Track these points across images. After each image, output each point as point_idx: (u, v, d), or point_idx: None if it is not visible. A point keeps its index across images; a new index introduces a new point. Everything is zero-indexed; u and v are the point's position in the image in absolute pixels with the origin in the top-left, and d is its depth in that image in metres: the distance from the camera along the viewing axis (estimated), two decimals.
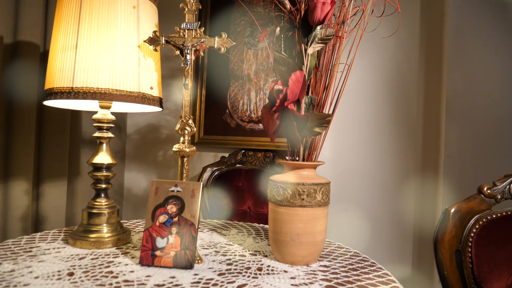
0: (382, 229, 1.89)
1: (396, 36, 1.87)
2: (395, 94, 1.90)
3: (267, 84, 2.01)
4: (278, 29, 0.99)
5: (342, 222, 1.93)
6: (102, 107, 1.13)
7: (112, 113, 1.15)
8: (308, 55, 0.96)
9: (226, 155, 2.01)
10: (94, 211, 1.10)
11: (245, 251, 1.08)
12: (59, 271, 0.86)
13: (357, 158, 1.94)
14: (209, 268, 0.93)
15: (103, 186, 1.13)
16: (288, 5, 0.96)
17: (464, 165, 1.62)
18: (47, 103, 1.14)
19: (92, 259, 0.96)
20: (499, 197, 0.98)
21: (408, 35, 1.88)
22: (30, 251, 1.00)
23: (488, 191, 0.98)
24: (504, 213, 0.97)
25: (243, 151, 1.99)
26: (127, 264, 0.93)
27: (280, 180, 0.98)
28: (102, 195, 1.14)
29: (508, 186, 0.98)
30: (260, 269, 0.94)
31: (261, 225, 1.44)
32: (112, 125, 1.14)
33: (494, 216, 0.97)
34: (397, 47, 1.89)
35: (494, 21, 1.62)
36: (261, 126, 2.02)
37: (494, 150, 1.61)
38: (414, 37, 1.88)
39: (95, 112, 1.15)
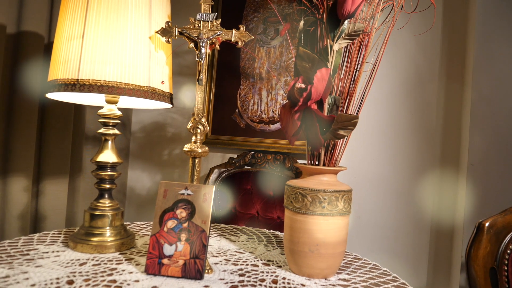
0: (397, 239, 1.81)
1: (416, 37, 1.80)
2: (414, 97, 1.82)
3: (279, 83, 1.93)
4: (301, 22, 0.91)
5: (355, 230, 1.85)
6: (108, 101, 1.05)
7: (118, 109, 1.08)
8: (333, 52, 0.89)
9: (235, 156, 1.94)
10: (97, 212, 1.03)
11: (257, 261, 1.01)
12: (57, 279, 0.79)
13: (372, 163, 1.86)
14: (220, 279, 0.86)
15: (107, 186, 1.06)
16: None
17: (489, 174, 1.54)
18: (50, 95, 1.07)
19: (93, 265, 0.89)
20: None
21: (428, 36, 1.80)
22: (28, 254, 0.93)
23: None
24: None
25: (252, 152, 1.92)
26: (131, 272, 0.86)
27: (299, 186, 0.91)
28: (106, 195, 1.06)
29: None
30: (275, 282, 0.86)
31: (271, 231, 1.36)
32: (119, 122, 1.07)
33: None
34: (417, 48, 1.82)
35: None
36: (271, 127, 1.94)
37: None
38: (435, 39, 1.80)
39: (100, 107, 1.08)
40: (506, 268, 0.88)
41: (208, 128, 0.97)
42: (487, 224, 0.90)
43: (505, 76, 1.56)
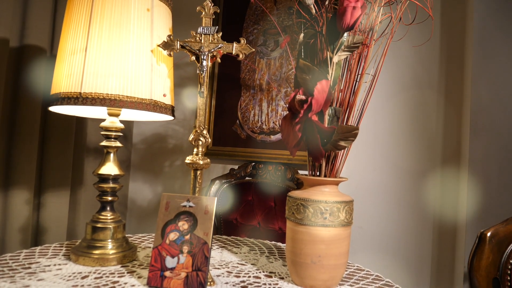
0: (399, 249, 1.81)
1: (415, 49, 1.81)
2: (413, 107, 1.83)
3: (279, 94, 1.95)
4: (301, 35, 0.92)
5: (357, 240, 1.85)
6: (110, 114, 1.06)
7: (120, 121, 1.09)
8: (333, 64, 0.90)
9: (236, 167, 1.94)
10: (99, 225, 1.03)
11: (260, 272, 1.01)
12: None
13: (373, 173, 1.86)
14: None
15: (109, 198, 1.06)
16: (314, 10, 0.90)
17: (490, 181, 1.54)
18: (53, 108, 1.08)
19: (95, 278, 0.89)
20: None
21: (427, 47, 1.82)
22: (29, 268, 0.93)
23: None
24: None
25: (253, 163, 1.92)
26: (133, 285, 0.86)
27: (300, 197, 0.91)
28: (108, 208, 1.07)
29: None
30: None
31: (273, 242, 1.36)
32: (121, 134, 1.08)
33: None
34: (416, 59, 1.83)
35: None
36: (272, 138, 1.95)
37: None
38: (434, 49, 1.82)
39: (102, 120, 1.09)
40: (509, 278, 0.87)
41: (210, 140, 0.97)
42: (489, 234, 0.90)
43: (504, 83, 1.57)
